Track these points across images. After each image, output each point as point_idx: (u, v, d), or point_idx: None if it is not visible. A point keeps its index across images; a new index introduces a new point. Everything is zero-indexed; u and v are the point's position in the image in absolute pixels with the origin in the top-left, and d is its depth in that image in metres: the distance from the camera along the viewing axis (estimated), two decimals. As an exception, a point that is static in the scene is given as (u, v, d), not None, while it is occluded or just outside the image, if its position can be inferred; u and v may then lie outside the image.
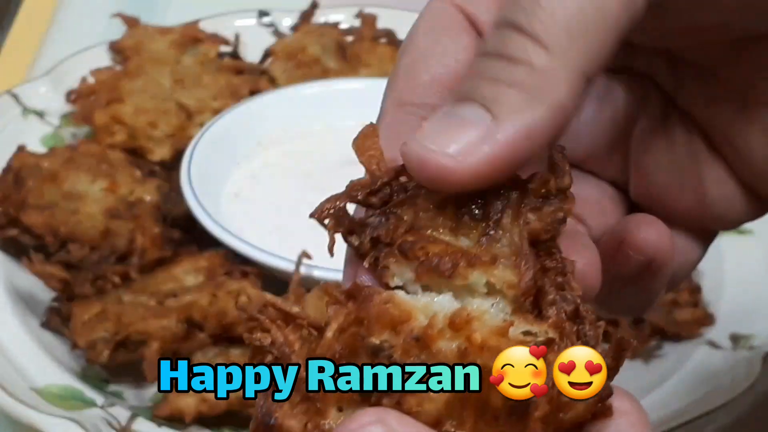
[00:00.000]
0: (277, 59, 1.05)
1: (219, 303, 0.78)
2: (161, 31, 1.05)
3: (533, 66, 0.36)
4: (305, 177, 0.93)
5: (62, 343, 0.79)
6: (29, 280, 0.82)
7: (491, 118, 0.36)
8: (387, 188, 0.38)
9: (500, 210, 0.37)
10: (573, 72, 0.37)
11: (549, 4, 0.37)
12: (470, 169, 0.36)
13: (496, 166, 0.36)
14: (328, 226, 0.38)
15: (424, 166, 0.37)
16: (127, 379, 0.78)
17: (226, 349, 0.77)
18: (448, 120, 0.37)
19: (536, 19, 0.37)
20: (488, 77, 0.37)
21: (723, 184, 0.46)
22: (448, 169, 0.36)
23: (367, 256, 0.38)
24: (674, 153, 0.47)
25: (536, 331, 0.35)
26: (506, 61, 0.37)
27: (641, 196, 0.48)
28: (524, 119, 0.36)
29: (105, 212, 0.84)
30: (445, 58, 0.41)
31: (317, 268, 0.79)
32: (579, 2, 0.37)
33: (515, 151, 0.36)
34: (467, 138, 0.36)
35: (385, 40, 1.07)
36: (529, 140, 0.36)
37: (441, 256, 0.36)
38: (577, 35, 0.37)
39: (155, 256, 0.83)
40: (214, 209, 0.86)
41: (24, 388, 0.73)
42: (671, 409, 0.73)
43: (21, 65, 1.10)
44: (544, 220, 0.37)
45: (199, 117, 0.96)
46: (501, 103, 0.36)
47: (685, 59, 0.45)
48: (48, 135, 0.97)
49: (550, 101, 0.36)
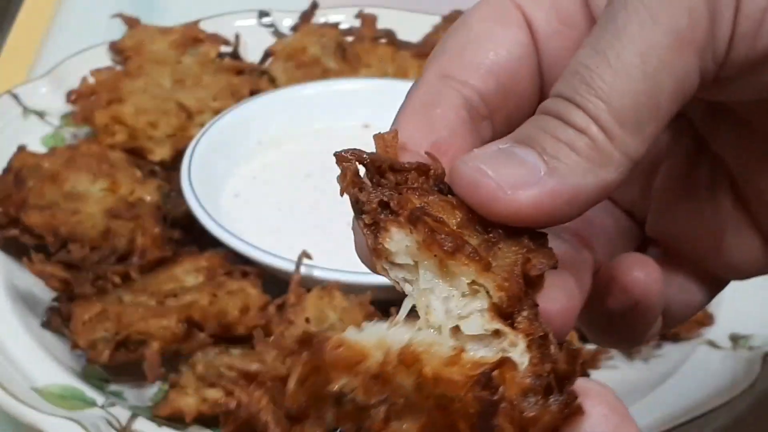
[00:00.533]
0: (277, 59, 1.05)
1: (219, 303, 0.78)
2: (162, 32, 1.05)
3: (595, 140, 0.38)
4: (305, 177, 0.93)
5: (63, 343, 0.79)
6: (30, 280, 0.82)
7: (545, 170, 0.38)
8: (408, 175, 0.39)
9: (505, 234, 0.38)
10: (625, 158, 0.38)
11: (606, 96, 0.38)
12: (517, 205, 0.38)
13: (539, 211, 0.38)
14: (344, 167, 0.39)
15: (476, 188, 0.38)
16: (128, 379, 0.78)
17: (226, 349, 0.77)
18: (505, 155, 0.39)
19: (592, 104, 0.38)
20: (551, 133, 0.39)
21: (743, 234, 0.46)
22: (499, 198, 0.38)
23: (367, 213, 0.38)
24: (697, 194, 0.47)
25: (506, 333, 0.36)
26: (570, 126, 0.38)
27: (656, 232, 0.48)
28: (575, 182, 0.38)
29: (105, 212, 0.84)
30: (497, 47, 0.42)
31: (317, 268, 0.80)
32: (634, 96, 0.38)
33: (557, 205, 0.38)
34: (521, 176, 0.38)
35: (385, 40, 1.08)
36: (572, 202, 0.38)
37: (450, 236, 0.37)
38: (630, 128, 0.38)
39: (155, 256, 0.83)
40: (214, 209, 0.86)
41: (24, 387, 0.73)
42: (671, 409, 0.73)
43: (22, 65, 1.10)
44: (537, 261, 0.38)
45: (200, 117, 0.96)
46: (560, 160, 0.38)
47: (726, 106, 0.45)
48: (48, 135, 0.97)
49: (602, 177, 0.38)
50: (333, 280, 0.78)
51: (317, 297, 0.77)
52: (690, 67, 0.38)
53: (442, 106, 0.41)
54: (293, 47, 1.06)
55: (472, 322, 0.37)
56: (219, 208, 0.88)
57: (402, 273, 0.38)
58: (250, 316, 0.78)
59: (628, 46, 0.38)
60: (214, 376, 0.74)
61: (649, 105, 0.38)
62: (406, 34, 1.08)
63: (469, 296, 0.37)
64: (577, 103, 0.38)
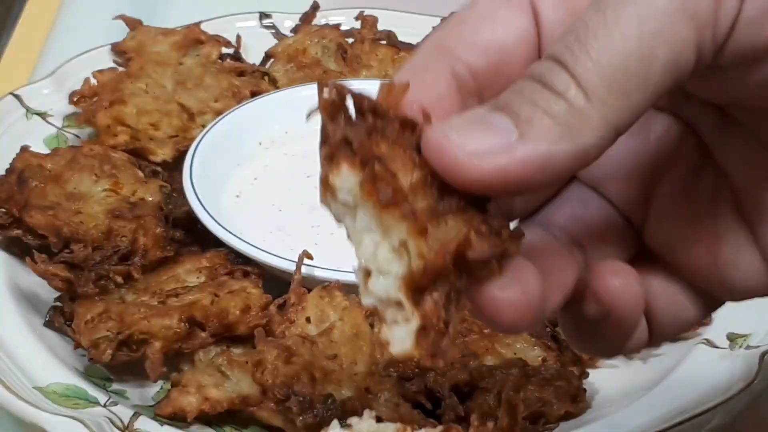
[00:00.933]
0: (278, 61, 1.06)
1: (221, 303, 0.78)
2: (163, 33, 1.05)
3: (572, 104, 0.37)
4: (306, 178, 0.93)
5: (65, 343, 0.80)
6: (33, 280, 0.82)
7: (517, 135, 0.37)
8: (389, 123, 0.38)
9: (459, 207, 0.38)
10: (605, 123, 0.37)
11: (595, 52, 0.37)
12: (480, 172, 0.37)
13: (506, 179, 0.37)
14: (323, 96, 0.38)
15: (441, 155, 0.38)
16: (130, 378, 0.78)
17: (227, 348, 0.78)
18: (477, 121, 0.38)
19: (580, 63, 0.37)
20: (528, 98, 0.38)
21: (742, 250, 0.45)
22: (461, 165, 0.37)
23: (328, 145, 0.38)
24: (697, 205, 0.46)
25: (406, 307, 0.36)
26: (549, 91, 0.38)
27: (654, 241, 0.47)
28: (548, 148, 0.37)
29: (108, 212, 0.85)
30: (497, 28, 0.42)
31: (318, 268, 0.80)
32: (624, 58, 0.37)
33: (528, 172, 0.37)
34: (488, 143, 0.37)
35: (386, 41, 1.08)
36: (544, 169, 0.37)
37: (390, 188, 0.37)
38: (616, 91, 0.37)
39: (157, 256, 0.83)
40: (215, 209, 0.86)
41: (27, 386, 0.73)
42: (668, 409, 0.73)
43: (24, 67, 1.11)
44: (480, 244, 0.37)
45: (201, 118, 0.97)
46: (532, 125, 0.37)
47: (735, 118, 0.44)
48: (51, 136, 0.98)
49: (577, 142, 0.37)
50: (333, 280, 0.78)
51: (318, 297, 0.78)
52: (687, 40, 0.37)
53: (433, 73, 0.41)
54: (294, 49, 1.06)
55: (382, 282, 0.37)
56: (220, 209, 0.88)
57: (343, 210, 0.38)
58: (251, 316, 0.78)
59: (629, 8, 0.37)
60: (216, 375, 0.74)
61: (639, 70, 0.37)
62: (407, 36, 1.08)
63: (396, 254, 0.37)
64: (564, 61, 0.38)
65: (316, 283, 0.79)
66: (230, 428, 0.74)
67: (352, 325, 0.76)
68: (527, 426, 0.73)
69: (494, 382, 0.73)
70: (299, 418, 0.70)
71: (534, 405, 0.73)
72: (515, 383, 0.73)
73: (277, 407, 0.71)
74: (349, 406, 0.70)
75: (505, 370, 0.75)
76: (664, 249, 0.47)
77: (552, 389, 0.74)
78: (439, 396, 0.73)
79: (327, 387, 0.71)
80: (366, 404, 0.70)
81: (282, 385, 0.71)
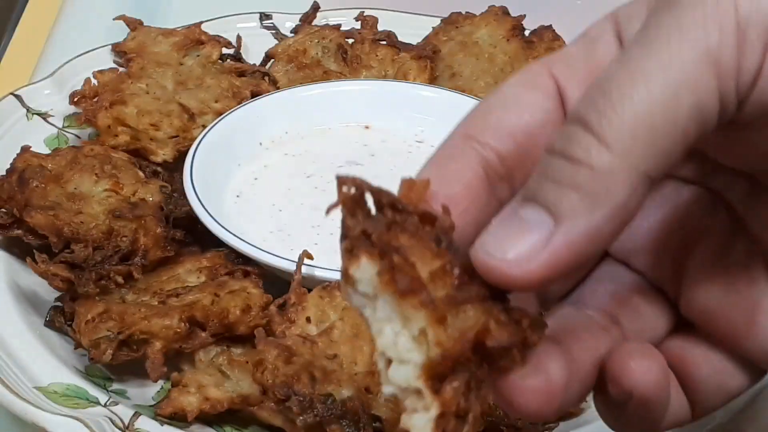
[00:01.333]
0: (278, 61, 1.06)
1: (221, 303, 0.78)
2: (164, 33, 1.05)
3: (594, 168, 0.37)
4: (306, 178, 0.94)
5: (66, 342, 0.80)
6: (33, 280, 0.82)
7: (553, 223, 0.38)
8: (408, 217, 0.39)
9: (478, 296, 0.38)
10: (634, 172, 0.37)
11: (621, 108, 0.37)
12: (530, 275, 0.38)
13: (557, 269, 0.38)
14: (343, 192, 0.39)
15: (488, 272, 0.38)
16: (130, 378, 0.78)
17: (227, 349, 0.78)
18: (510, 223, 0.39)
19: (605, 119, 0.37)
20: (551, 178, 0.38)
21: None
22: (509, 275, 0.38)
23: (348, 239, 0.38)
24: (731, 273, 0.45)
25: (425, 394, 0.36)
26: (569, 162, 0.38)
27: (689, 309, 0.47)
28: (584, 224, 0.37)
29: (108, 213, 0.85)
30: (523, 113, 0.42)
31: (318, 268, 0.80)
32: (650, 105, 0.37)
33: (575, 254, 0.38)
34: (526, 244, 0.38)
35: (386, 41, 1.08)
36: (590, 243, 0.38)
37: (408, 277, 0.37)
38: (641, 138, 0.37)
39: (158, 256, 0.83)
40: (216, 210, 0.86)
41: (28, 386, 0.74)
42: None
43: (25, 67, 1.11)
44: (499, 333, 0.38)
45: (202, 118, 0.97)
46: (562, 207, 0.38)
47: (766, 186, 0.44)
48: (52, 136, 0.98)
49: (611, 204, 0.37)
50: (333, 280, 0.78)
51: (318, 297, 0.78)
52: (711, 86, 0.37)
53: (460, 162, 0.41)
54: (294, 49, 1.06)
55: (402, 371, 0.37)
56: (221, 209, 0.88)
57: (363, 302, 0.38)
58: (251, 316, 0.78)
59: (653, 57, 0.37)
60: (216, 375, 0.75)
61: (665, 116, 0.37)
62: (407, 36, 1.08)
63: (416, 342, 0.37)
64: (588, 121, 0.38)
65: (316, 283, 0.79)
66: (230, 428, 0.74)
67: (352, 325, 0.76)
68: (527, 425, 0.73)
69: (494, 382, 0.73)
70: (299, 418, 0.70)
71: (534, 405, 0.73)
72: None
73: (278, 407, 0.71)
74: (349, 406, 0.70)
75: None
76: (701, 318, 0.46)
77: (552, 389, 0.74)
78: (439, 396, 0.73)
79: (327, 387, 0.71)
80: (366, 404, 0.71)
81: (282, 385, 0.71)
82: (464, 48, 1.05)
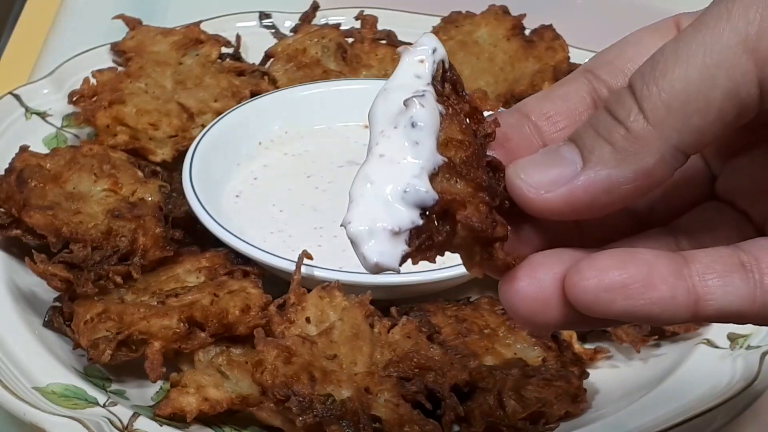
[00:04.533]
0: (278, 60, 1.06)
1: (220, 303, 0.78)
2: (163, 33, 1.05)
3: (629, 130, 0.41)
4: (306, 177, 0.93)
5: (64, 343, 0.80)
6: (32, 280, 0.82)
7: (581, 164, 0.42)
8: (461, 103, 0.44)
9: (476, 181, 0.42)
10: (665, 144, 0.41)
11: (662, 82, 0.40)
12: (547, 202, 0.42)
13: (572, 205, 0.42)
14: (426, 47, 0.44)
15: (513, 191, 0.43)
16: (129, 378, 0.78)
17: (227, 349, 0.78)
18: (549, 153, 0.43)
19: (647, 90, 0.41)
20: (595, 127, 0.42)
21: None
22: (528, 198, 0.42)
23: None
24: None
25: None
26: (612, 119, 0.41)
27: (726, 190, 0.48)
28: (606, 175, 0.41)
29: (107, 212, 0.85)
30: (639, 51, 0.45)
31: (318, 268, 0.80)
32: (686, 83, 0.40)
33: (590, 198, 0.41)
34: (552, 175, 0.42)
35: (386, 41, 1.08)
36: (606, 193, 0.41)
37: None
38: (675, 113, 0.40)
39: (157, 256, 0.83)
40: (215, 209, 0.86)
41: (26, 386, 0.74)
42: (669, 409, 0.73)
43: (24, 66, 1.11)
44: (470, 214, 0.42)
45: (201, 118, 0.97)
46: (594, 154, 0.41)
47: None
48: (50, 136, 0.97)
49: (636, 165, 0.41)
50: (333, 280, 0.78)
51: (317, 297, 0.78)
52: (748, 72, 0.40)
53: (570, 87, 0.45)
54: (294, 48, 1.06)
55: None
56: (220, 208, 0.88)
57: None
58: (250, 316, 0.78)
59: (698, 39, 0.40)
60: (215, 376, 0.74)
61: (699, 95, 0.40)
62: (407, 36, 1.08)
63: None
64: (635, 88, 0.41)
65: (316, 283, 0.78)
66: (230, 428, 0.74)
67: (351, 325, 0.76)
68: (527, 426, 0.73)
69: (494, 382, 0.73)
70: (299, 418, 0.70)
71: (534, 405, 0.73)
72: (515, 383, 0.73)
73: (277, 407, 0.71)
74: (349, 406, 0.70)
75: (505, 370, 0.75)
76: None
77: (552, 389, 0.74)
78: (439, 396, 0.73)
79: (327, 387, 0.71)
80: (366, 404, 0.70)
81: (282, 385, 0.71)
82: (464, 47, 1.04)
